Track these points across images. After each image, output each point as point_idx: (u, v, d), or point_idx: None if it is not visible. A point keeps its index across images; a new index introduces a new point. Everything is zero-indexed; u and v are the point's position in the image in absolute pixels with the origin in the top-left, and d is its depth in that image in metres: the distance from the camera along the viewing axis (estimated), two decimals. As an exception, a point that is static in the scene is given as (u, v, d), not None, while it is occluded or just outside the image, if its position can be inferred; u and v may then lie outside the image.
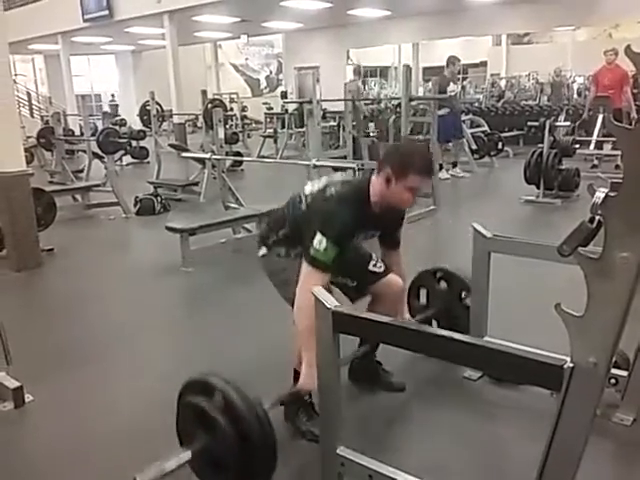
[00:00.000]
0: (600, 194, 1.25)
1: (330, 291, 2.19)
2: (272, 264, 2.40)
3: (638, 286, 1.25)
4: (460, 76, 18.36)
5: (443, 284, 2.90)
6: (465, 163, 8.88)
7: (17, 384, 2.64)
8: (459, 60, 8.52)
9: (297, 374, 2.34)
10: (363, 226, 2.25)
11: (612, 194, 1.24)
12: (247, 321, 3.54)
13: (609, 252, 1.25)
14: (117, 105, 19.84)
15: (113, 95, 21.87)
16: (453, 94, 8.44)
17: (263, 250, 2.41)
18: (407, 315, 2.71)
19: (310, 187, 2.33)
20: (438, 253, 4.95)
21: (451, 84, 9.79)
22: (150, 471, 1.79)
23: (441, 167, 8.26)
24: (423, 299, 2.96)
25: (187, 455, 1.86)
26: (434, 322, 2.89)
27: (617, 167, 7.43)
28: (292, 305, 2.21)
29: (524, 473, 1.51)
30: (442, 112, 7.90)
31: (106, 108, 19.19)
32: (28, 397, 2.66)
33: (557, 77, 14.45)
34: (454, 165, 8.80)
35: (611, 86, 8.56)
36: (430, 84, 11.93)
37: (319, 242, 2.07)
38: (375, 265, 2.48)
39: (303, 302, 2.06)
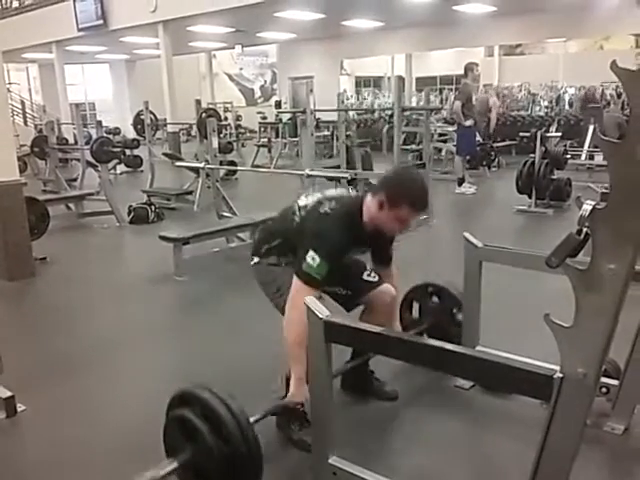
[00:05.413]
0: (587, 206, 1.27)
1: (321, 298, 2.22)
2: (263, 273, 2.43)
3: (625, 297, 1.27)
4: (452, 87, 18.50)
5: (435, 299, 2.90)
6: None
7: (9, 394, 2.63)
8: (477, 64, 8.00)
9: (289, 382, 2.35)
10: (355, 244, 2.28)
11: (599, 206, 1.26)
12: (241, 330, 3.54)
13: (597, 264, 1.26)
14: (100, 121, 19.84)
15: (93, 104, 21.87)
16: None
17: (255, 259, 2.45)
18: (397, 324, 2.72)
19: (304, 200, 2.35)
20: (429, 261, 4.95)
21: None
22: None
23: (463, 181, 8.01)
24: (415, 313, 2.96)
25: (173, 465, 1.83)
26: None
27: None
28: (283, 313, 2.22)
29: (515, 482, 1.52)
30: (469, 123, 7.73)
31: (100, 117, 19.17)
32: (20, 406, 2.65)
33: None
34: (461, 182, 8.06)
35: None
36: (422, 94, 11.95)
37: (312, 258, 2.09)
38: (370, 275, 2.51)
39: (293, 316, 2.09)
